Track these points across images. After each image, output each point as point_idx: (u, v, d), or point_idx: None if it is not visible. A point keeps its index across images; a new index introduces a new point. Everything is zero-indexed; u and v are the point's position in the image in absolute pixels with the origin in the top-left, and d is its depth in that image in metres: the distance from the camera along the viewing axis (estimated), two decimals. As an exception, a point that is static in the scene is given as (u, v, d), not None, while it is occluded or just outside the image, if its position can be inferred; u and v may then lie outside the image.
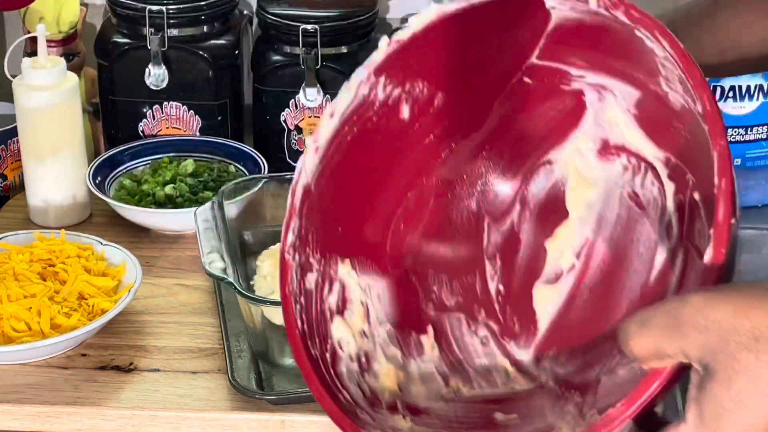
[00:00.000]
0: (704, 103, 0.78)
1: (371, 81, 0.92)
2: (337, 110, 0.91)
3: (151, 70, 1.57)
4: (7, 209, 1.54)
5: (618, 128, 0.94)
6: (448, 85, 0.95)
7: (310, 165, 0.91)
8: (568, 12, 0.88)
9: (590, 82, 0.93)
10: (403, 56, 0.91)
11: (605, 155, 0.96)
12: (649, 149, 0.92)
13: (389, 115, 0.94)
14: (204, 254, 1.23)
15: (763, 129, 1.57)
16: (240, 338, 1.27)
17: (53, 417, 1.19)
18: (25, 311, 1.25)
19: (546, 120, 0.98)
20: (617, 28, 0.84)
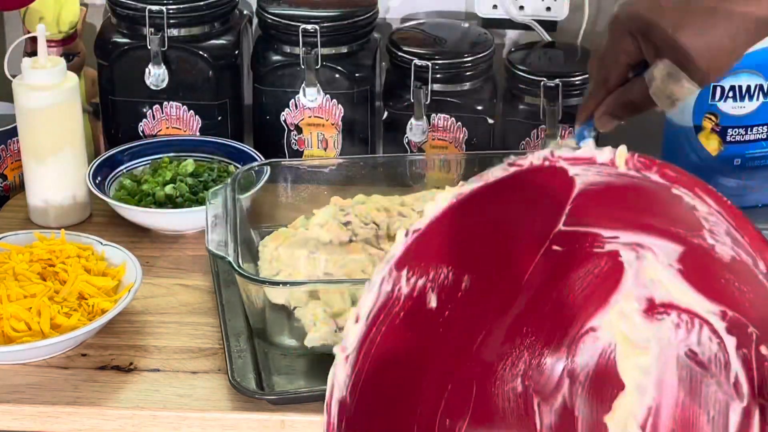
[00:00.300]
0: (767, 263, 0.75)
1: (393, 276, 0.88)
2: (362, 313, 0.87)
3: (151, 70, 1.57)
4: (7, 209, 1.54)
5: (662, 285, 0.90)
6: (473, 266, 0.91)
7: (341, 376, 0.87)
8: (593, 177, 0.85)
9: (625, 242, 0.90)
10: (422, 245, 0.88)
11: (653, 315, 0.91)
12: (700, 304, 0.87)
13: (417, 307, 0.90)
14: (209, 232, 1.24)
15: (763, 129, 1.57)
16: (240, 338, 1.27)
17: (53, 417, 1.19)
18: (25, 311, 1.25)
19: (583, 286, 0.94)
20: (650, 187, 0.81)
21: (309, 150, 1.61)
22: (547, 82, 1.52)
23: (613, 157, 0.83)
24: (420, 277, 0.89)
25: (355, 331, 0.87)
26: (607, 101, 1.05)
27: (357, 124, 1.59)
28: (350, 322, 0.87)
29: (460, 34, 1.62)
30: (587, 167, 0.84)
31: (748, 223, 0.77)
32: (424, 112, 1.55)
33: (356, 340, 0.87)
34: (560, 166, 0.85)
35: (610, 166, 0.83)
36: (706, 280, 0.86)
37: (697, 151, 1.58)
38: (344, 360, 0.86)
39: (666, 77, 0.99)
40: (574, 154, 0.84)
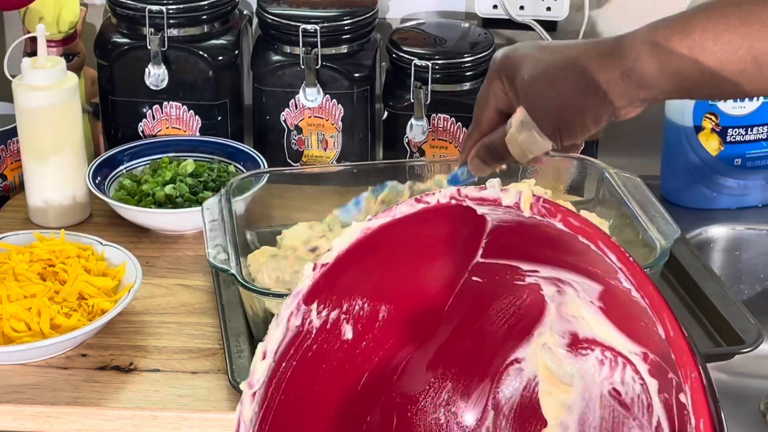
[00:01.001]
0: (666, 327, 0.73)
1: (302, 310, 0.87)
2: (269, 349, 0.85)
3: (151, 70, 1.57)
4: (7, 209, 1.54)
5: (585, 322, 0.88)
6: (390, 296, 0.90)
7: (248, 414, 0.85)
8: (502, 215, 0.84)
9: (545, 276, 0.88)
10: (332, 278, 0.86)
11: (576, 350, 0.89)
12: (623, 343, 0.85)
13: (331, 340, 0.88)
14: (209, 246, 1.24)
15: (763, 129, 1.57)
16: (240, 338, 1.27)
17: (53, 417, 1.19)
18: (25, 311, 1.25)
19: (506, 317, 0.92)
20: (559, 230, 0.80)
21: (309, 150, 1.61)
22: (547, 82, 1.52)
23: (518, 200, 0.82)
24: (333, 309, 0.88)
25: (262, 368, 0.85)
26: (478, 146, 1.04)
27: (357, 124, 1.59)
28: (257, 358, 0.85)
29: (460, 34, 1.62)
30: (494, 208, 0.83)
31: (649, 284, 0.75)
32: (424, 112, 1.55)
33: (264, 376, 0.85)
34: (467, 205, 0.84)
35: (515, 209, 0.82)
36: (627, 320, 0.84)
37: (697, 151, 1.58)
38: (251, 397, 0.85)
39: (519, 125, 0.98)
40: (480, 194, 0.83)
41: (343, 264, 0.86)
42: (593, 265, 0.83)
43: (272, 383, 0.86)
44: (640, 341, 0.84)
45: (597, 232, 0.77)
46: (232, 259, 1.22)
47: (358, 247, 0.86)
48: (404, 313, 0.91)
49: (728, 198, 1.60)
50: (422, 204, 0.85)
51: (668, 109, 1.59)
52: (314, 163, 1.61)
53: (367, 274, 0.88)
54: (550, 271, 0.87)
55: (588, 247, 0.79)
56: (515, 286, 0.90)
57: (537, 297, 0.90)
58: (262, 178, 1.40)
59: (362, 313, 0.90)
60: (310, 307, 0.87)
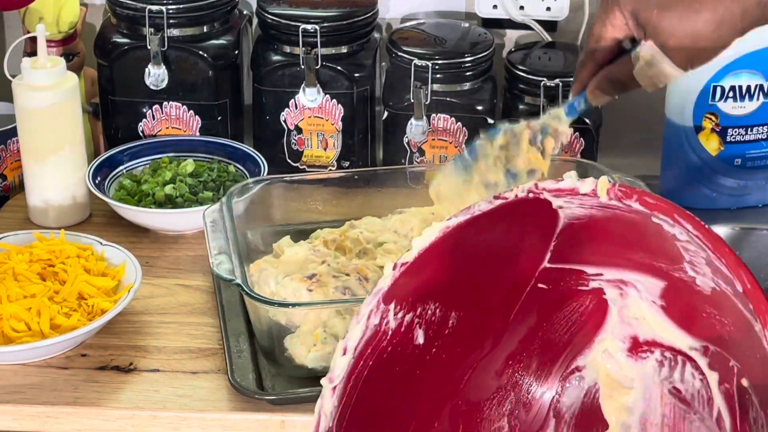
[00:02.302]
0: (744, 282, 0.75)
1: (381, 309, 0.88)
2: (349, 346, 0.87)
3: (151, 70, 1.57)
4: (7, 209, 1.54)
5: (646, 323, 0.89)
6: (460, 303, 0.91)
7: (329, 407, 0.87)
8: (577, 209, 0.85)
9: (609, 279, 0.90)
10: (410, 279, 0.88)
11: (637, 353, 0.91)
12: (683, 340, 0.87)
13: (404, 343, 0.90)
14: (212, 255, 1.23)
15: (763, 129, 1.57)
16: (240, 338, 1.27)
17: (53, 417, 1.19)
18: (25, 311, 1.25)
19: (569, 324, 0.94)
20: (631, 218, 0.82)
21: (309, 150, 1.61)
22: (547, 82, 1.52)
23: (595, 187, 0.83)
24: (408, 312, 0.89)
25: (342, 364, 0.87)
26: (598, 77, 1.06)
27: (357, 124, 1.59)
28: (338, 354, 0.87)
29: (460, 34, 1.62)
30: (571, 198, 0.84)
31: (725, 245, 0.77)
32: (424, 112, 1.55)
33: (343, 372, 0.87)
34: (544, 198, 0.85)
35: (592, 197, 0.83)
36: (688, 314, 0.86)
37: (697, 151, 1.58)
38: (331, 391, 0.87)
39: (650, 59, 0.99)
40: (557, 186, 0.84)
41: (421, 264, 0.87)
42: (658, 258, 0.84)
43: (350, 380, 0.87)
44: (701, 334, 0.86)
45: (672, 206, 0.79)
46: (236, 267, 1.21)
47: (436, 247, 0.87)
48: (472, 321, 0.92)
49: (728, 198, 1.60)
50: (501, 200, 0.85)
51: (668, 109, 1.58)
52: (314, 163, 1.61)
53: (442, 276, 0.89)
54: (614, 272, 0.89)
55: (658, 231, 0.80)
56: (579, 292, 0.91)
57: (599, 301, 0.91)
58: (262, 183, 1.39)
59: (434, 318, 0.90)
60: (388, 307, 0.88)
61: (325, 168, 1.61)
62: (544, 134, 1.17)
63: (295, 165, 1.61)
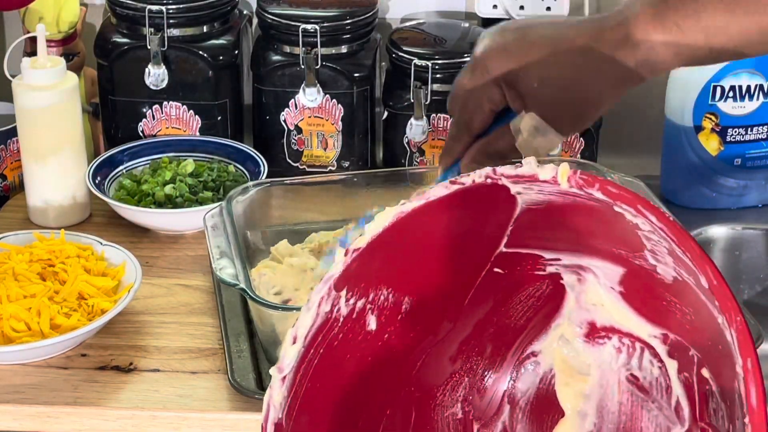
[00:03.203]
0: (709, 277, 0.74)
1: (332, 296, 0.86)
2: (299, 334, 0.84)
3: (151, 70, 1.57)
4: (7, 209, 1.54)
5: (604, 309, 0.88)
6: (414, 288, 0.89)
7: (278, 398, 0.84)
8: (535, 195, 0.83)
9: (566, 264, 0.88)
10: (362, 265, 0.85)
11: (594, 339, 0.90)
12: (642, 327, 0.86)
13: (355, 330, 0.87)
14: (215, 260, 1.23)
15: (763, 129, 1.57)
16: (240, 338, 1.27)
17: (53, 417, 1.19)
18: (25, 311, 1.25)
19: (524, 309, 0.92)
20: (591, 206, 0.80)
21: (309, 150, 1.61)
22: (547, 82, 1.52)
23: (555, 174, 0.81)
24: (359, 298, 0.87)
25: (292, 353, 0.84)
26: (472, 150, 1.00)
27: (357, 124, 1.59)
28: (287, 343, 0.84)
29: (460, 34, 1.62)
30: (530, 185, 0.82)
31: (690, 239, 0.76)
32: (424, 112, 1.55)
33: (293, 361, 0.85)
34: (502, 183, 0.83)
35: (552, 184, 0.81)
36: (648, 302, 0.85)
37: (697, 151, 1.58)
38: (281, 381, 0.84)
39: (533, 130, 0.96)
40: (516, 172, 0.82)
41: (374, 249, 0.85)
42: (618, 245, 0.83)
43: (300, 369, 0.85)
44: (660, 322, 0.84)
45: (636, 197, 0.78)
46: (239, 271, 1.21)
47: (390, 233, 0.85)
48: (426, 305, 0.90)
49: (728, 198, 1.60)
50: (457, 185, 0.84)
51: (668, 109, 1.59)
52: (314, 163, 1.61)
53: (395, 261, 0.87)
54: (572, 258, 0.87)
55: (619, 220, 0.79)
56: (535, 277, 0.90)
57: (556, 287, 0.90)
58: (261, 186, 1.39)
59: (386, 303, 0.89)
60: (340, 293, 0.86)
61: (325, 168, 1.61)
62: None
63: (295, 165, 1.61)
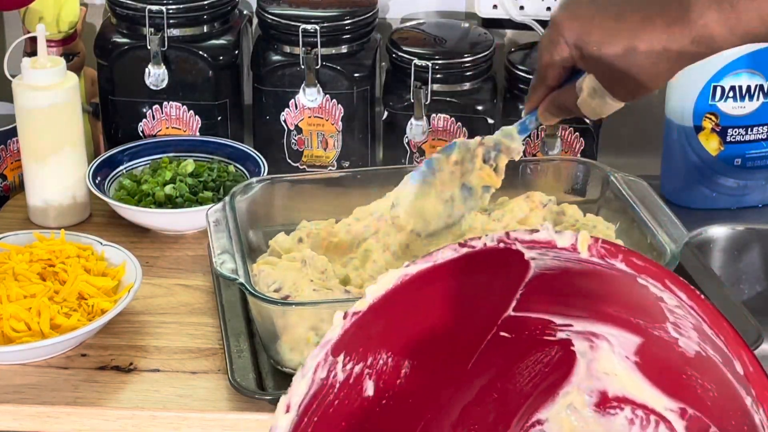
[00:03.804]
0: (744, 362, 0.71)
1: (329, 362, 0.82)
2: (293, 402, 0.82)
3: (151, 70, 1.57)
4: (7, 209, 1.54)
5: (617, 378, 0.85)
6: (414, 351, 0.86)
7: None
8: (550, 261, 0.80)
9: (578, 330, 0.85)
10: (362, 328, 0.82)
11: (605, 409, 0.87)
12: (657, 400, 0.83)
13: (352, 396, 0.84)
14: (215, 255, 1.23)
15: (763, 129, 1.57)
16: (240, 338, 1.27)
17: (53, 417, 1.19)
18: (25, 311, 1.25)
19: (531, 375, 0.89)
20: (611, 275, 0.77)
21: (309, 150, 1.61)
22: (547, 82, 1.52)
23: (575, 242, 0.79)
24: (357, 363, 0.84)
25: (284, 422, 0.82)
26: (546, 101, 1.11)
27: (357, 124, 1.59)
28: (280, 412, 0.82)
29: (460, 34, 1.62)
30: (545, 251, 0.80)
31: (723, 320, 0.73)
32: (424, 112, 1.55)
33: (287, 431, 0.82)
34: (516, 248, 0.81)
35: (571, 251, 0.78)
36: (666, 374, 0.82)
37: (697, 151, 1.58)
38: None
39: (592, 91, 1.04)
40: (532, 237, 0.80)
41: (375, 312, 0.82)
42: (637, 314, 0.80)
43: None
44: (678, 396, 0.81)
45: (663, 271, 0.75)
46: (239, 267, 1.21)
47: (393, 295, 0.81)
48: (427, 370, 0.87)
49: (728, 198, 1.60)
50: (467, 248, 0.80)
51: (668, 109, 1.59)
52: (314, 163, 1.61)
53: (397, 324, 0.84)
54: (585, 324, 0.84)
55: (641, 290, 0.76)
56: (544, 342, 0.87)
57: (567, 353, 0.86)
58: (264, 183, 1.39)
59: (385, 368, 0.85)
60: (337, 359, 0.83)
61: (325, 168, 1.61)
62: (497, 151, 1.19)
63: (295, 165, 1.61)
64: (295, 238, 1.31)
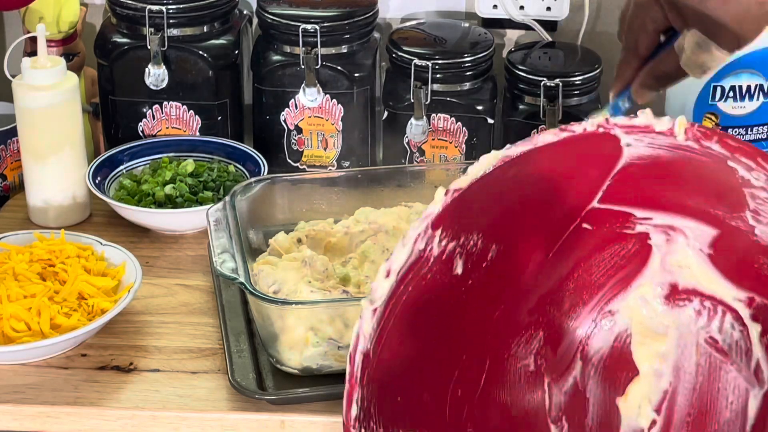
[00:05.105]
0: None
1: (428, 235, 0.85)
2: (393, 269, 0.84)
3: (151, 70, 1.57)
4: (7, 209, 1.54)
5: (689, 271, 0.87)
6: (503, 236, 0.88)
7: (368, 329, 0.84)
8: (644, 148, 0.82)
9: (657, 224, 0.87)
10: (460, 206, 0.84)
11: (674, 301, 0.89)
12: (727, 291, 0.85)
13: (443, 271, 0.87)
14: (216, 254, 1.23)
15: (763, 129, 1.57)
16: (240, 338, 1.27)
17: (53, 417, 1.19)
18: (25, 311, 1.25)
19: (607, 267, 0.91)
20: (700, 161, 0.79)
21: (309, 150, 1.61)
22: (547, 82, 1.52)
23: (672, 126, 0.80)
24: (451, 240, 0.86)
25: (385, 286, 0.84)
26: (642, 74, 1.03)
27: (357, 124, 1.59)
28: (380, 276, 0.84)
29: (460, 34, 1.62)
30: (642, 136, 0.81)
31: None
32: (424, 112, 1.55)
33: (385, 294, 0.84)
34: (614, 133, 0.82)
35: (667, 136, 0.80)
36: (738, 265, 0.84)
37: (697, 151, 1.58)
38: (372, 313, 0.84)
39: (695, 47, 0.98)
40: (631, 122, 0.81)
41: (473, 192, 0.84)
42: (717, 204, 0.81)
43: (390, 303, 0.85)
44: (748, 285, 0.84)
45: (756, 150, 0.77)
46: (239, 266, 1.21)
47: (492, 176, 0.83)
48: (512, 256, 0.89)
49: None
50: (567, 132, 0.82)
51: (668, 109, 1.59)
52: (314, 163, 1.61)
53: (490, 206, 0.86)
54: (664, 217, 0.86)
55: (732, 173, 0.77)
56: (623, 236, 0.89)
57: (643, 246, 0.89)
58: (265, 182, 1.39)
59: (474, 249, 0.88)
60: (435, 233, 0.85)
61: (325, 168, 1.61)
62: None
63: (295, 165, 1.61)
64: (293, 239, 1.31)
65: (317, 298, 1.19)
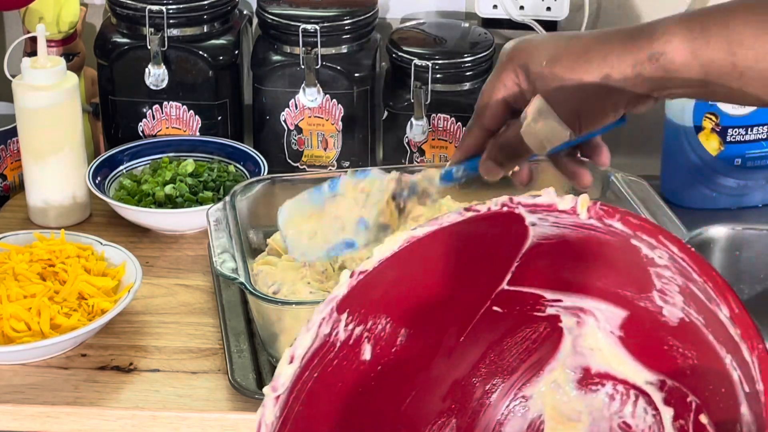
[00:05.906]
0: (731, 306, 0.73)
1: (333, 318, 0.83)
2: (297, 354, 0.82)
3: (151, 70, 1.57)
4: (7, 209, 1.54)
5: (601, 354, 0.86)
6: (412, 319, 0.87)
7: (270, 417, 0.82)
8: (549, 228, 0.81)
9: (567, 306, 0.86)
10: (366, 289, 0.83)
11: (587, 385, 0.88)
12: (638, 374, 0.85)
13: (350, 357, 0.85)
14: (216, 254, 1.23)
15: (763, 129, 1.57)
16: (240, 338, 1.27)
17: (53, 417, 1.19)
18: (25, 311, 1.25)
19: (519, 351, 0.90)
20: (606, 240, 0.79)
21: (309, 150, 1.61)
22: (547, 82, 1.52)
23: (575, 204, 0.79)
24: (358, 324, 0.85)
25: (288, 372, 0.82)
26: (489, 146, 0.97)
27: (357, 124, 1.59)
28: (284, 362, 0.82)
29: (460, 34, 1.62)
30: (546, 215, 0.81)
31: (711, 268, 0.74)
32: (424, 112, 1.55)
33: (288, 381, 0.82)
34: (519, 212, 0.81)
35: (570, 215, 0.79)
36: (648, 346, 0.83)
37: (697, 151, 1.58)
38: (274, 401, 0.82)
39: (536, 114, 0.92)
40: (534, 201, 0.81)
41: (380, 274, 0.83)
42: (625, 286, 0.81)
43: (294, 391, 0.83)
44: (659, 368, 0.83)
45: (657, 227, 0.77)
46: (239, 266, 1.21)
47: (398, 257, 0.83)
48: (421, 340, 0.88)
49: (728, 198, 1.60)
50: (472, 212, 0.82)
51: (668, 109, 1.59)
52: (314, 163, 1.61)
53: (398, 289, 0.85)
54: (574, 299, 0.86)
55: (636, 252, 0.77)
56: (534, 318, 0.88)
57: (554, 330, 0.88)
58: (264, 183, 1.39)
59: (383, 334, 0.86)
60: (341, 316, 0.84)
61: (325, 168, 1.61)
62: (411, 193, 1.04)
63: (295, 165, 1.61)
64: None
65: (317, 299, 1.19)
